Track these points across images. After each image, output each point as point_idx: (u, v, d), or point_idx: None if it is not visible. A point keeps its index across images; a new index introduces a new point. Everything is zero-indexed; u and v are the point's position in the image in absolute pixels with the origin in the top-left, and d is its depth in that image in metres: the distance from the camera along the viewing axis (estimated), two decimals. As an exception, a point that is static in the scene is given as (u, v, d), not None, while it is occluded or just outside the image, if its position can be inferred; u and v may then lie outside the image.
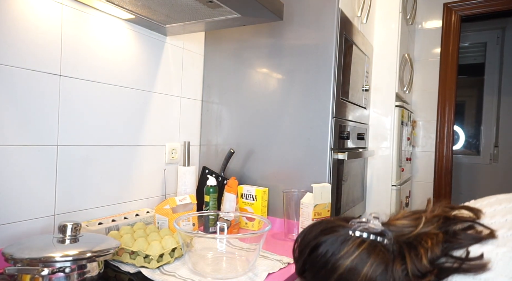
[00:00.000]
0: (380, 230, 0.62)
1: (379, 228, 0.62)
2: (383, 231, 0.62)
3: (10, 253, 0.72)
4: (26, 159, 0.93)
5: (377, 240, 0.61)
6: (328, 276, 0.61)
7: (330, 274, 0.61)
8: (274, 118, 1.39)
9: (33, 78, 0.94)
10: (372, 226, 0.63)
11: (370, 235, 0.62)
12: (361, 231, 0.62)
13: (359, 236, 0.62)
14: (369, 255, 0.59)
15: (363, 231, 0.62)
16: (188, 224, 1.15)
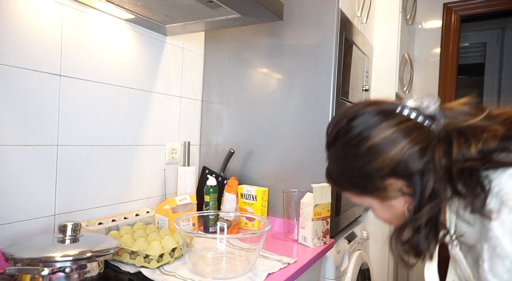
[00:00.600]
0: (432, 113, 0.56)
1: (432, 110, 0.56)
2: (435, 114, 0.56)
3: (10, 253, 0.72)
4: (26, 159, 0.93)
5: (424, 122, 0.56)
6: (359, 145, 0.57)
7: (361, 143, 0.57)
8: (274, 118, 1.39)
9: (33, 78, 0.94)
10: (425, 107, 0.57)
11: (419, 115, 0.56)
12: (411, 109, 0.57)
13: (407, 114, 0.57)
14: (410, 133, 0.54)
15: (412, 110, 0.57)
16: (188, 224, 1.15)
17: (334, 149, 0.62)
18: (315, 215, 1.15)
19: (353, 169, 0.59)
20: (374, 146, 0.56)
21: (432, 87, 2.53)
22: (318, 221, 1.16)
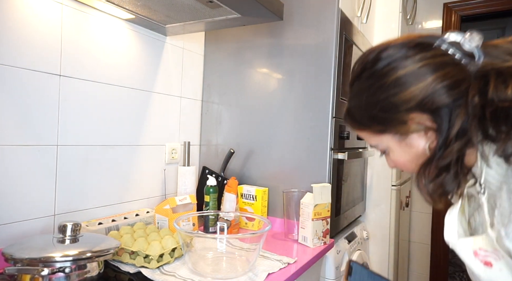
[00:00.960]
0: (472, 50, 0.52)
1: (472, 48, 0.52)
2: (475, 52, 0.52)
3: (10, 253, 0.72)
4: (26, 159, 0.93)
5: (461, 60, 0.52)
6: (386, 76, 0.54)
7: (388, 74, 0.54)
8: (274, 118, 1.39)
9: (33, 78, 0.94)
10: (467, 42, 0.53)
11: (457, 52, 0.52)
12: (449, 44, 0.53)
13: (444, 49, 0.53)
14: (443, 68, 0.51)
15: (451, 45, 0.53)
16: (188, 224, 1.15)
17: (358, 83, 0.59)
18: (315, 215, 1.15)
19: (377, 102, 0.56)
20: (402, 78, 0.53)
21: (432, 87, 2.52)
22: (318, 221, 1.16)
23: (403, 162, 0.60)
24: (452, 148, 0.51)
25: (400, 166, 0.62)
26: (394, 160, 0.61)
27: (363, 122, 0.61)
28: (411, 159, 0.58)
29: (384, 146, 0.61)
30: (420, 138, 0.56)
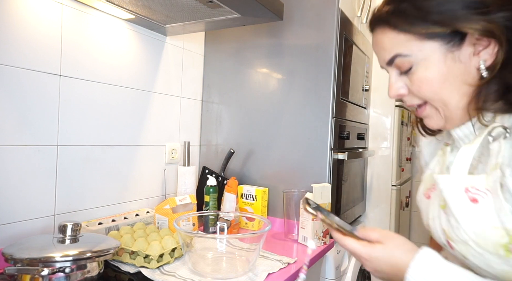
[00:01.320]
0: None
1: None
2: None
3: (10, 253, 0.72)
4: (26, 159, 0.93)
5: None
6: None
7: None
8: (274, 118, 1.39)
9: (33, 78, 0.94)
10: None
11: None
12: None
13: None
14: None
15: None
16: (188, 224, 1.15)
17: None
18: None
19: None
20: None
21: (432, 87, 2.52)
22: (318, 221, 1.16)
23: (435, 81, 0.54)
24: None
25: (427, 85, 0.55)
26: (422, 78, 0.54)
27: (413, 22, 0.53)
28: (445, 79, 0.53)
29: (420, 57, 0.54)
30: (471, 55, 0.52)
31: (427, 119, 0.60)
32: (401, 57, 0.56)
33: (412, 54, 0.55)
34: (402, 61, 0.56)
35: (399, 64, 0.57)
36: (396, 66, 0.58)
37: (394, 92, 0.59)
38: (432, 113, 0.58)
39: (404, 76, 0.58)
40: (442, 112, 0.57)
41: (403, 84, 0.59)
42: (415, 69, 0.56)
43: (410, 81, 0.57)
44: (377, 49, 0.61)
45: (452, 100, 0.55)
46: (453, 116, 0.56)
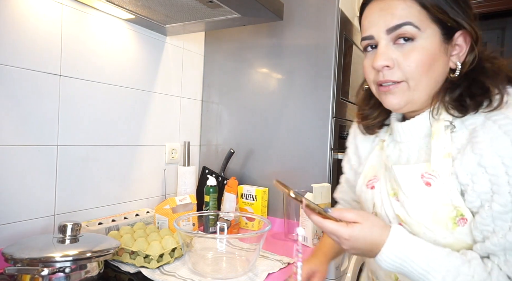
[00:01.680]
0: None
1: None
2: None
3: (10, 253, 0.72)
4: (26, 159, 0.93)
5: None
6: None
7: None
8: (274, 118, 1.39)
9: (33, 78, 0.94)
10: None
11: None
12: None
13: None
14: None
15: None
16: (188, 224, 1.15)
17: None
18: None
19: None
20: None
21: (432, 87, 2.52)
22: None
23: (426, 62, 0.58)
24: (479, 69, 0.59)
25: (419, 63, 0.58)
26: (418, 55, 0.58)
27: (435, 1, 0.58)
28: (433, 64, 0.59)
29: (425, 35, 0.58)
30: (452, 52, 0.61)
31: (392, 96, 0.62)
32: (411, 26, 0.58)
33: (421, 29, 0.58)
34: (410, 31, 0.58)
35: (402, 33, 0.58)
36: (396, 35, 0.59)
37: (383, 60, 0.60)
38: (401, 92, 0.61)
39: (395, 51, 0.60)
40: (412, 93, 0.61)
41: (392, 58, 0.60)
42: (417, 44, 0.58)
43: (404, 55, 0.59)
44: (383, 13, 0.60)
45: (427, 86, 0.60)
46: (417, 99, 0.62)
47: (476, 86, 0.58)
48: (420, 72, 0.59)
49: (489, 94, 0.57)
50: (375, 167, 0.75)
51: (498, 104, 0.56)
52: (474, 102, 0.57)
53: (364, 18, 0.64)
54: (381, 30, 0.61)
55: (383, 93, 0.64)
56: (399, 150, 0.70)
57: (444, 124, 0.60)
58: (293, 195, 0.59)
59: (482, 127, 0.55)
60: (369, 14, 0.63)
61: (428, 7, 0.58)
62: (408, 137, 0.67)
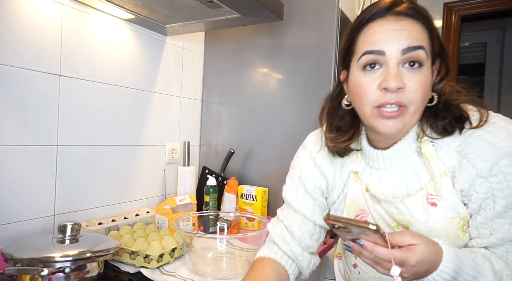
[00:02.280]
0: None
1: None
2: None
3: (10, 253, 0.72)
4: (26, 159, 0.93)
5: None
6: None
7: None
8: (274, 118, 1.39)
9: (32, 78, 0.93)
10: None
11: None
12: None
13: None
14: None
15: None
16: (188, 224, 1.14)
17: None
18: (315, 215, 1.14)
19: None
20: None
21: (432, 87, 2.52)
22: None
23: (426, 87, 0.61)
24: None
25: (423, 87, 0.60)
26: (423, 79, 0.60)
27: (435, 34, 0.63)
28: (429, 89, 0.62)
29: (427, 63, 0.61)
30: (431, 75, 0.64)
31: (393, 121, 0.61)
32: (424, 51, 0.59)
33: (428, 56, 0.61)
34: (422, 56, 0.60)
35: (416, 56, 0.59)
36: (409, 58, 0.59)
37: (399, 81, 0.59)
38: (401, 117, 0.61)
39: (404, 75, 0.60)
40: (410, 118, 0.62)
41: (402, 79, 0.60)
42: (423, 70, 0.60)
43: (412, 80, 0.59)
44: (399, 33, 0.59)
45: (420, 112, 0.63)
46: (410, 125, 0.64)
47: (458, 111, 0.63)
48: (421, 98, 0.60)
49: (467, 116, 0.62)
50: (357, 202, 0.74)
51: (479, 123, 0.61)
52: (460, 126, 0.62)
53: (373, 33, 0.61)
54: (396, 49, 0.59)
55: (382, 117, 0.62)
56: (379, 177, 0.71)
57: (430, 144, 0.65)
58: (373, 228, 0.52)
59: (469, 145, 0.61)
60: (381, 30, 0.60)
61: (433, 38, 0.62)
62: (393, 163, 0.69)
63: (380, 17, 0.61)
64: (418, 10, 0.61)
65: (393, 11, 0.60)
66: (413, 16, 0.60)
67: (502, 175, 0.59)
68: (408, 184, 0.68)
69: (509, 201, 0.59)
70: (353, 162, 0.75)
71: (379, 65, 0.61)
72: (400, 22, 0.60)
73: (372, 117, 0.63)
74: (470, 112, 0.63)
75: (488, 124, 0.61)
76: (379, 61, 0.61)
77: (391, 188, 0.70)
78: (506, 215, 0.60)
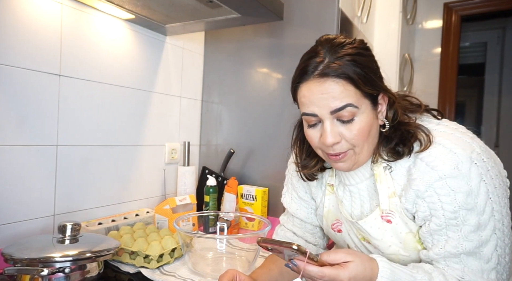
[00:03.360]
0: None
1: None
2: None
3: (10, 253, 0.72)
4: (26, 159, 0.93)
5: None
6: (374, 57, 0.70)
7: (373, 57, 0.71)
8: (274, 118, 1.39)
9: (32, 78, 0.93)
10: None
11: None
12: None
13: None
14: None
15: None
16: (188, 224, 1.14)
17: (362, 54, 0.67)
18: (315, 215, 1.14)
19: (376, 70, 0.69)
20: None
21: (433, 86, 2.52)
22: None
23: (366, 131, 0.66)
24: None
25: (361, 133, 0.66)
26: (360, 127, 0.65)
27: (366, 83, 0.65)
28: (370, 130, 0.67)
29: (361, 110, 0.65)
30: (378, 113, 0.69)
31: (342, 163, 0.69)
32: (351, 107, 0.64)
33: (359, 107, 0.65)
34: (351, 111, 0.64)
35: (345, 113, 0.64)
36: (339, 115, 0.64)
37: (333, 138, 0.65)
38: (349, 157, 0.68)
39: (339, 126, 0.66)
40: (358, 156, 0.68)
41: (338, 132, 0.66)
42: (357, 119, 0.65)
43: (348, 130, 0.65)
44: (324, 96, 0.64)
45: (368, 147, 0.69)
46: (362, 160, 0.70)
47: (406, 135, 0.68)
48: (362, 139, 0.66)
49: (415, 139, 0.67)
50: (333, 212, 0.83)
51: (425, 146, 0.65)
52: (407, 149, 0.67)
53: (303, 96, 0.67)
54: (325, 111, 0.65)
55: (333, 161, 0.70)
56: (349, 193, 0.78)
57: (383, 165, 0.71)
58: (295, 248, 0.55)
59: (414, 165, 0.66)
60: (309, 95, 0.65)
61: (361, 88, 0.64)
62: (356, 180, 0.76)
63: (306, 80, 0.66)
64: (335, 68, 0.63)
65: (316, 73, 0.64)
66: (333, 75, 0.63)
67: (436, 196, 0.63)
68: (368, 200, 0.75)
69: (442, 220, 0.63)
70: (330, 176, 0.83)
71: (317, 121, 0.68)
72: (324, 84, 0.64)
73: (327, 158, 0.72)
74: (420, 134, 0.67)
75: (433, 145, 0.65)
76: (316, 120, 0.67)
77: (350, 205, 0.78)
78: (442, 233, 0.64)
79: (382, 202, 0.70)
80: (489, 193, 0.62)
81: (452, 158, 0.62)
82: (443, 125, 0.70)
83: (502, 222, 0.64)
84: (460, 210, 0.62)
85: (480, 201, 0.62)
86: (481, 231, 0.62)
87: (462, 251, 0.62)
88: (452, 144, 0.64)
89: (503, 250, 0.64)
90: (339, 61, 0.63)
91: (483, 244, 0.62)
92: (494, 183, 0.63)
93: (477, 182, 0.61)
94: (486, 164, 0.63)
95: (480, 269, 0.63)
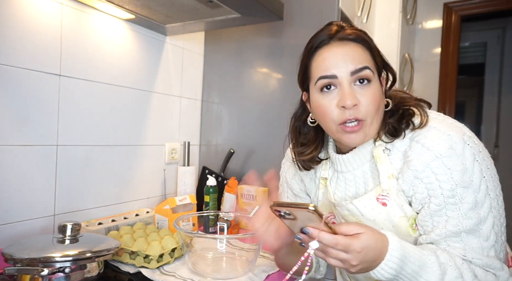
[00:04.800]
0: None
1: None
2: None
3: (10, 253, 0.72)
4: (26, 159, 0.93)
5: None
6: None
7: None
8: (274, 118, 1.39)
9: (32, 78, 0.93)
10: None
11: None
12: None
13: None
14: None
15: None
16: (188, 224, 1.14)
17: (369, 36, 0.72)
18: (315, 215, 1.14)
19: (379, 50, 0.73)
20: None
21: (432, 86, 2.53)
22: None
23: (378, 99, 0.68)
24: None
25: (375, 100, 0.68)
26: (374, 93, 0.68)
27: (377, 53, 0.72)
28: (380, 101, 0.69)
29: (374, 78, 0.69)
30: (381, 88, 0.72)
31: (355, 134, 0.69)
32: (369, 70, 0.68)
33: (373, 73, 0.69)
34: (368, 74, 0.68)
35: (364, 75, 0.67)
36: (358, 76, 0.67)
37: (353, 99, 0.66)
38: (362, 129, 0.69)
39: (357, 90, 0.68)
40: (369, 129, 0.69)
41: (356, 96, 0.67)
42: (372, 85, 0.68)
43: (363, 95, 0.67)
44: (345, 57, 0.68)
45: (377, 121, 0.70)
46: (371, 134, 0.70)
47: (406, 112, 0.70)
48: (374, 110, 0.68)
49: (413, 116, 0.69)
50: (326, 205, 0.84)
51: (420, 123, 0.68)
52: (406, 123, 0.69)
53: (323, 59, 0.70)
54: (345, 72, 0.67)
55: (346, 132, 0.69)
56: (344, 181, 0.79)
57: (382, 148, 0.72)
58: (312, 208, 0.54)
59: (410, 148, 0.68)
60: (330, 56, 0.69)
61: (374, 57, 0.70)
62: (354, 166, 0.77)
63: (326, 44, 0.70)
64: (357, 34, 0.69)
65: (336, 37, 0.69)
66: (354, 40, 0.69)
67: (434, 176, 0.65)
68: (362, 186, 0.76)
69: (441, 199, 0.64)
70: (324, 169, 0.84)
71: (334, 86, 0.69)
72: (345, 47, 0.69)
73: (338, 133, 0.71)
74: (415, 115, 0.70)
75: (427, 128, 0.68)
76: (333, 83, 0.69)
77: (344, 191, 0.79)
78: (442, 213, 0.65)
79: (382, 181, 0.71)
80: (483, 172, 0.64)
81: (447, 139, 0.65)
82: (434, 113, 0.73)
83: (496, 201, 0.66)
84: (457, 188, 0.63)
85: (475, 179, 0.64)
86: (479, 208, 0.64)
87: (462, 229, 0.64)
88: (446, 127, 0.67)
89: (499, 228, 0.66)
90: (357, 31, 0.70)
91: (481, 222, 0.64)
92: (486, 164, 0.65)
93: (471, 161, 0.64)
94: (477, 146, 0.66)
95: (480, 247, 0.64)
